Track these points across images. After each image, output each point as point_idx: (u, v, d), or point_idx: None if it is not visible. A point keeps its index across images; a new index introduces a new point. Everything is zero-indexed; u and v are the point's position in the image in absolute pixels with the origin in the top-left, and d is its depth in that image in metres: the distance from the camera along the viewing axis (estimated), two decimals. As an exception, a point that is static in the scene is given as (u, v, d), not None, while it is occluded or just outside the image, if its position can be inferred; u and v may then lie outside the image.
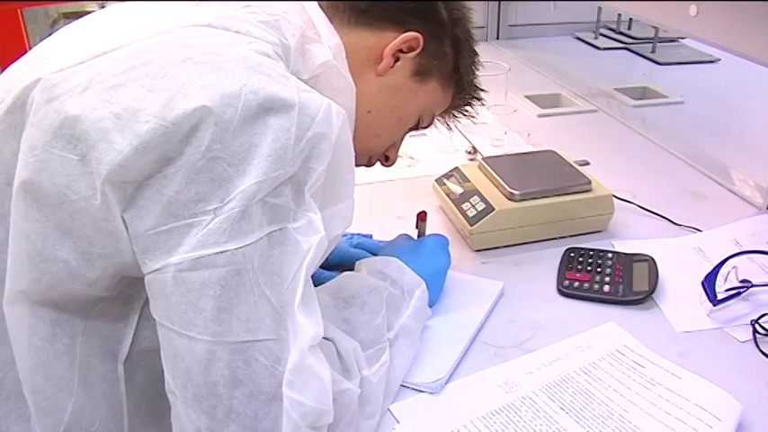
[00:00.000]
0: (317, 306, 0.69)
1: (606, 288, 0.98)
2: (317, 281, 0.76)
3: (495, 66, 1.56)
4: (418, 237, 1.04)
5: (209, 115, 0.61)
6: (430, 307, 0.92)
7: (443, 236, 1.02)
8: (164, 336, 0.66)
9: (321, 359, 0.67)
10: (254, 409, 0.64)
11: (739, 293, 0.96)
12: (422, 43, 0.85)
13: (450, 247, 1.00)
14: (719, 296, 0.95)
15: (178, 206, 0.62)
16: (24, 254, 0.66)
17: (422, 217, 1.05)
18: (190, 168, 0.62)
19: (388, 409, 0.80)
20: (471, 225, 1.07)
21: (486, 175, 1.16)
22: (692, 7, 1.26)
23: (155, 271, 0.63)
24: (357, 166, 0.79)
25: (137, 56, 0.66)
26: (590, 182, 1.13)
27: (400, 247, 0.97)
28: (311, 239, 0.66)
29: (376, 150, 0.94)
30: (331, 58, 0.77)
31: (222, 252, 0.62)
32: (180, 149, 0.62)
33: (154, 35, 0.68)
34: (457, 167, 1.21)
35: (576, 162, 1.20)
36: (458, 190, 1.15)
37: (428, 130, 1.03)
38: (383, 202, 1.25)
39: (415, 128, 0.95)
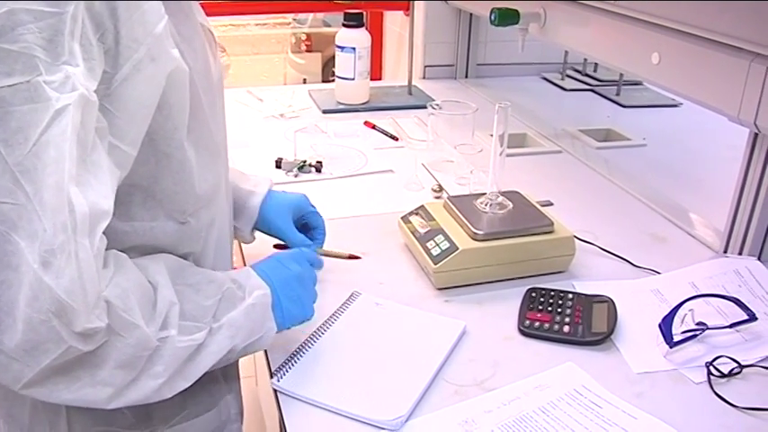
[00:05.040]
0: (104, 180, 0.66)
1: (566, 329, 1.00)
2: None
3: (462, 105, 1.59)
4: None
5: None
6: (308, 320, 0.92)
7: (302, 250, 0.99)
8: None
9: (94, 255, 0.64)
10: None
11: (695, 336, 0.98)
12: None
13: (308, 259, 0.97)
14: (676, 338, 0.97)
15: None
16: None
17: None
18: None
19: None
20: (435, 264, 1.09)
21: (450, 214, 1.18)
22: (655, 55, 1.30)
23: None
24: None
25: None
26: (552, 223, 1.15)
27: (259, 261, 0.94)
28: (65, 97, 0.62)
29: None
30: None
31: None
32: None
33: None
34: (423, 205, 1.22)
35: (539, 202, 1.22)
36: (423, 228, 1.16)
37: (395, 166, 1.01)
38: (348, 238, 1.25)
39: None
